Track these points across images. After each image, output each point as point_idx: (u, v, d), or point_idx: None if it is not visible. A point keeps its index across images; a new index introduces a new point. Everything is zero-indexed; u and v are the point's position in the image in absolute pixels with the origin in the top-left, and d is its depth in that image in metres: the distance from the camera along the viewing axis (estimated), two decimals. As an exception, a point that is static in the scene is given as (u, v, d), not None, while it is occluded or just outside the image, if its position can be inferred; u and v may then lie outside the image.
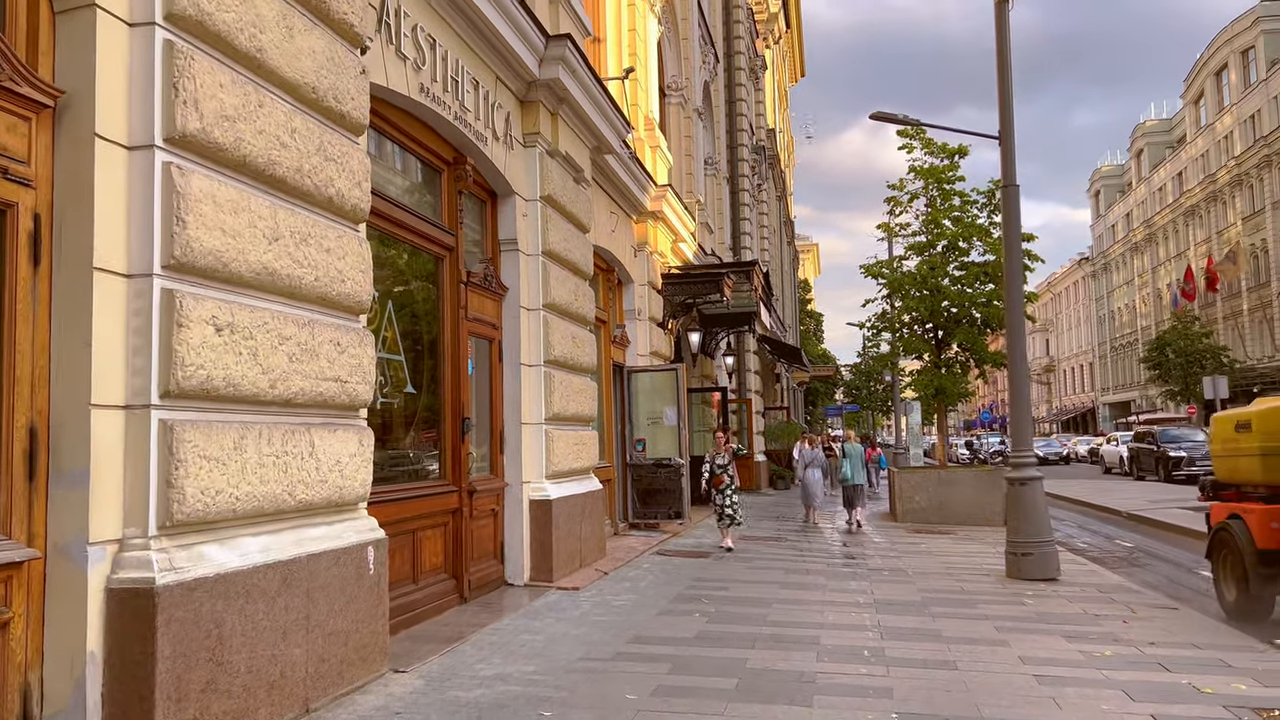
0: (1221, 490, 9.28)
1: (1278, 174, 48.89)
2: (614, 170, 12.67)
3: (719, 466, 12.38)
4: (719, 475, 12.34)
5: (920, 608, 8.43)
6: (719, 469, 12.38)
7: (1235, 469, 8.91)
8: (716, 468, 12.40)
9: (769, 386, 32.35)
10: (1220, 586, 8.84)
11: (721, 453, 12.54)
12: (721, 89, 25.73)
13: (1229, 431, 8.98)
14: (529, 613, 7.98)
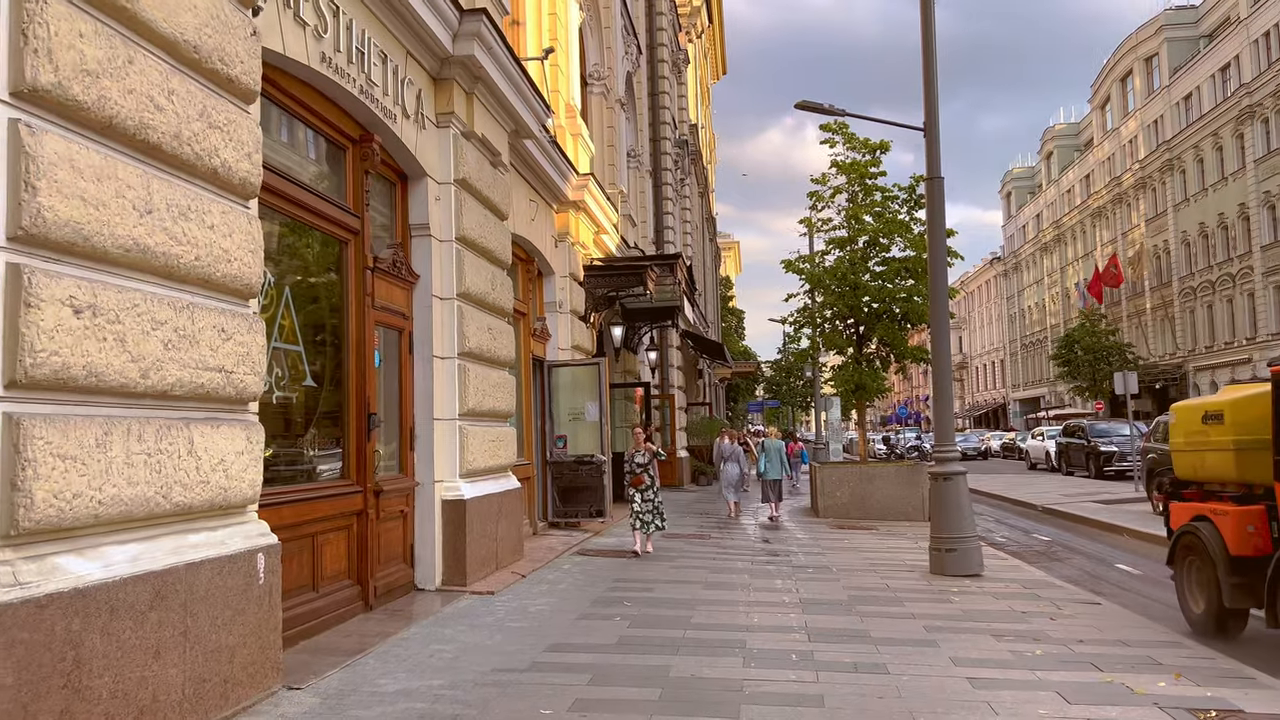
0: (1182, 489, 8.42)
1: (1179, 178, 50.72)
2: (534, 156, 12.22)
3: (638, 465, 11.58)
4: (638, 475, 11.50)
5: (847, 607, 8.21)
6: (638, 468, 11.58)
7: (1201, 465, 8.00)
8: (636, 466, 11.59)
9: (692, 382, 32.20)
10: (1186, 598, 7.91)
11: (641, 450, 11.69)
12: (644, 81, 25.41)
13: (1194, 423, 8.04)
14: (439, 620, 7.51)
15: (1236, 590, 7.07)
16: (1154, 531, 13.98)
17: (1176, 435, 8.53)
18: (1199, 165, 48.55)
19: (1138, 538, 14.21)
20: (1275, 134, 41.48)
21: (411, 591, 8.60)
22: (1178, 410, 8.73)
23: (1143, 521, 15.39)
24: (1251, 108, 42.83)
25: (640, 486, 11.46)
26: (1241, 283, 44.76)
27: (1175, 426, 8.58)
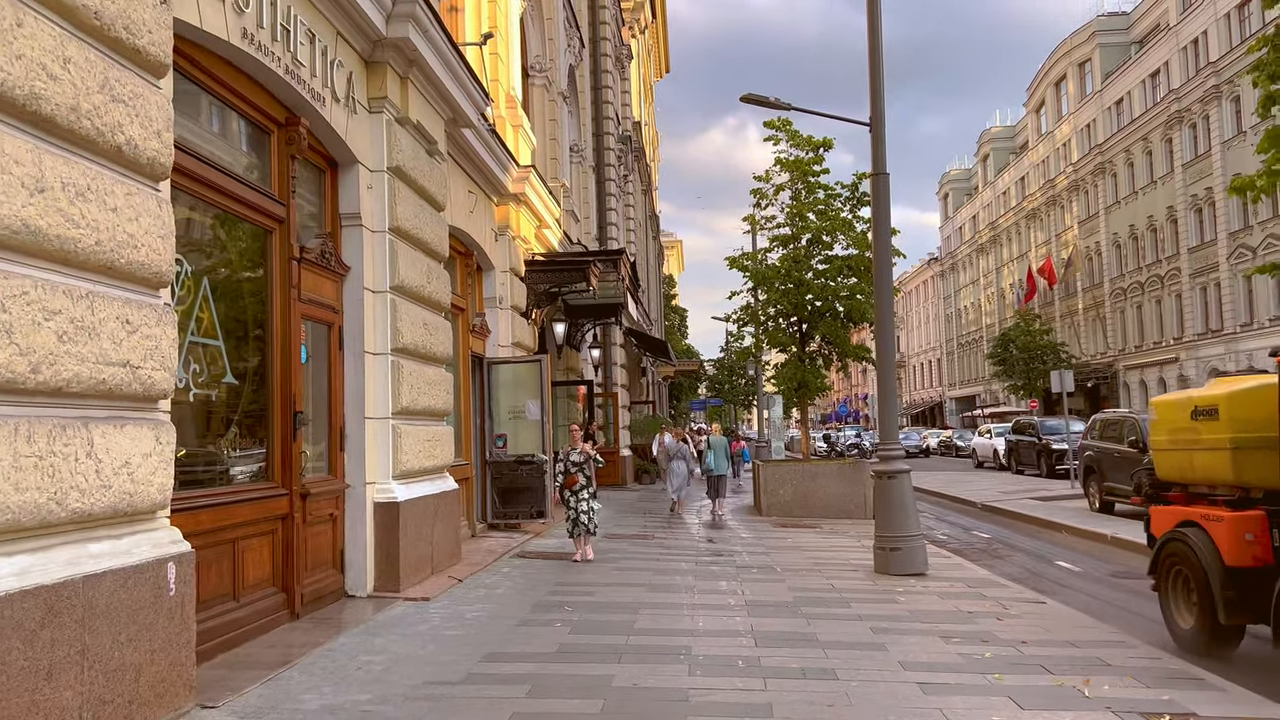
0: (1164, 491, 7.77)
1: (1111, 181, 51.88)
2: (472, 146, 11.86)
3: (573, 465, 10.86)
4: (573, 475, 10.80)
5: (793, 609, 8.03)
6: (573, 467, 10.87)
7: (1190, 466, 7.28)
8: (571, 466, 10.87)
9: (635, 380, 31.97)
10: (1171, 613, 7.20)
11: (577, 449, 10.95)
12: (587, 75, 25.10)
13: (1181, 419, 7.31)
14: (370, 629, 7.15)
15: (1232, 605, 6.39)
16: (1092, 529, 14.14)
17: (1159, 433, 7.83)
18: (1130, 169, 49.72)
19: (1076, 534, 14.33)
20: (1202, 139, 42.60)
21: (342, 598, 8.21)
22: (1159, 405, 7.98)
23: (1081, 519, 15.54)
24: (1180, 113, 43.95)
25: (574, 487, 10.78)
26: (1170, 284, 45.93)
27: (1157, 423, 7.87)
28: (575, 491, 10.77)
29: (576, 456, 10.90)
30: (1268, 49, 8.96)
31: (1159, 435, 7.84)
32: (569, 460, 10.91)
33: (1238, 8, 39.68)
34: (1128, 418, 16.46)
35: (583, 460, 10.88)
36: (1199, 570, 6.68)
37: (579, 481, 10.78)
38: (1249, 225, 39.02)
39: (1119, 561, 11.84)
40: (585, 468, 10.88)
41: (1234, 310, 40.50)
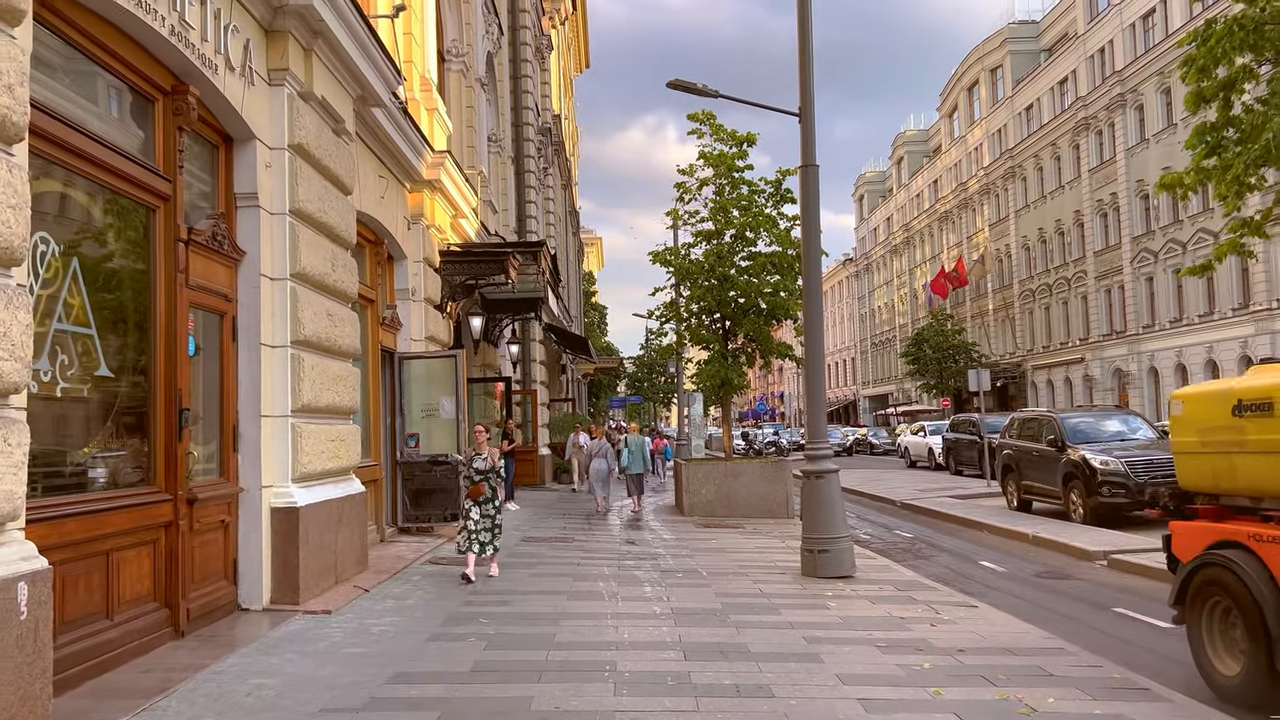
0: (1188, 504, 6.59)
1: (1021, 185, 53.20)
2: (384, 128, 11.20)
3: (478, 473, 9.43)
4: (477, 484, 9.39)
5: (722, 617, 7.64)
6: (477, 475, 9.43)
7: (1230, 473, 5.98)
8: (474, 474, 9.45)
9: (555, 378, 31.40)
10: (1207, 654, 5.91)
11: (483, 454, 9.48)
12: (506, 63, 24.44)
13: (1220, 416, 5.97)
14: (264, 646, 6.52)
15: None
16: (1013, 527, 14.15)
17: (1185, 432, 6.49)
18: (1039, 173, 51.04)
19: (997, 533, 14.33)
20: (1108, 146, 43.91)
21: (235, 612, 7.54)
22: (1187, 399, 6.60)
23: (1001, 517, 15.58)
24: (1087, 120, 45.23)
25: (479, 498, 9.40)
26: (1076, 286, 47.26)
27: (1183, 420, 6.50)
28: (479, 504, 9.39)
29: (481, 464, 9.49)
30: (1198, 43, 8.94)
31: (1185, 435, 6.47)
32: (471, 467, 9.55)
33: (1142, 18, 40.97)
34: (1046, 416, 16.61)
35: (489, 468, 9.51)
36: (1250, 604, 5.39)
37: (484, 492, 9.41)
38: (1151, 230, 40.32)
39: (1041, 561, 11.80)
40: (491, 476, 9.54)
41: (1137, 312, 41.83)
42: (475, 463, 9.52)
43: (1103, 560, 11.26)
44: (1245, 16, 8.31)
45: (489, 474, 9.50)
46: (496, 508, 9.53)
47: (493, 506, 9.47)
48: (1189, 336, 38.10)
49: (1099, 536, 12.53)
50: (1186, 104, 9.50)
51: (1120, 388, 43.64)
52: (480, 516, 9.39)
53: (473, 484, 9.51)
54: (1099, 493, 13.96)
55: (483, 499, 9.41)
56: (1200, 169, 9.24)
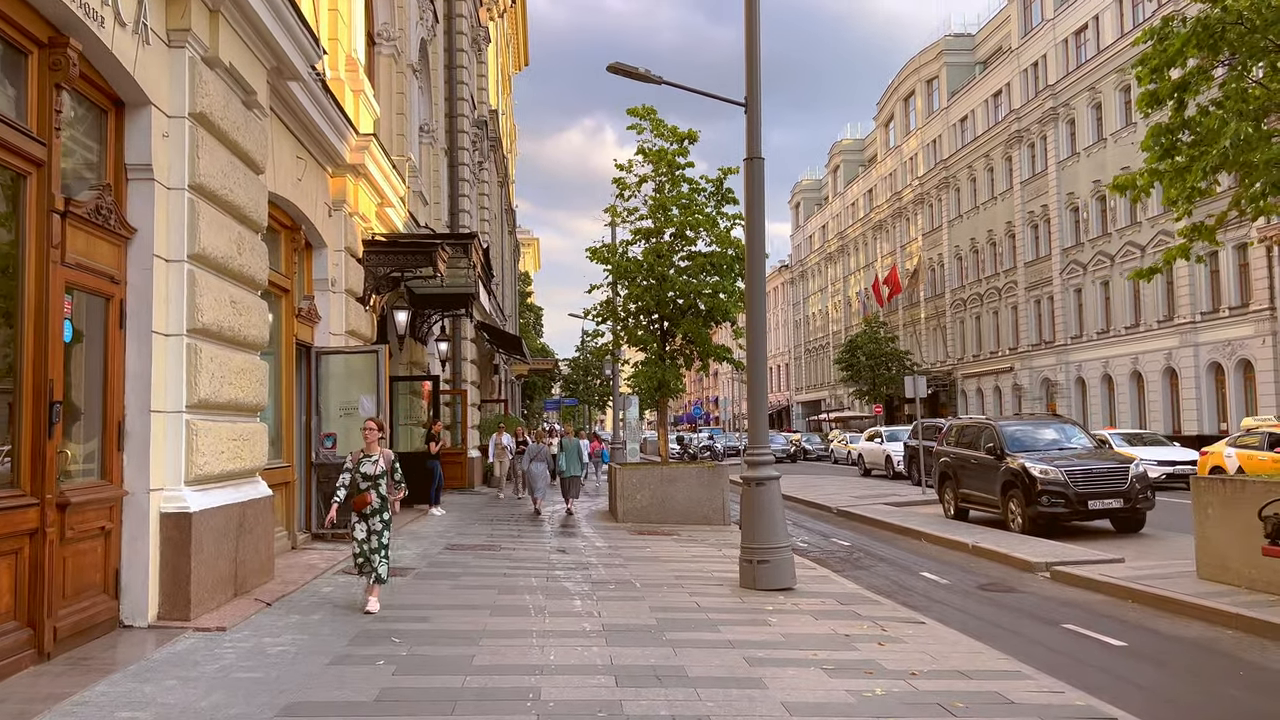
0: None
1: (954, 195, 53.83)
2: (303, 106, 10.44)
3: (365, 478, 7.87)
4: (364, 493, 7.85)
5: (657, 634, 7.10)
6: (364, 482, 7.87)
7: None
8: (362, 480, 7.88)
9: (486, 378, 30.59)
10: None
11: (373, 455, 7.95)
12: (441, 52, 23.63)
13: None
14: (143, 671, 5.78)
15: None
16: (952, 536, 13.88)
17: None
18: (972, 184, 51.67)
19: (936, 542, 14.04)
20: (1040, 158, 44.58)
21: (116, 630, 6.76)
22: None
23: (938, 526, 15.32)
24: (1020, 132, 45.88)
25: (364, 509, 7.83)
26: (1006, 296, 47.91)
27: None
28: (364, 516, 7.83)
29: (370, 467, 7.89)
30: (1154, 41, 8.69)
31: None
32: (358, 471, 7.89)
33: (1075, 34, 41.68)
34: (985, 424, 16.43)
35: (380, 473, 7.90)
36: None
37: (371, 502, 7.83)
38: (1080, 242, 40.98)
39: (983, 572, 11.50)
40: (380, 483, 7.91)
41: (1065, 323, 42.50)
42: (364, 465, 7.92)
43: (1045, 572, 10.99)
44: (1210, 17, 8.07)
45: (379, 480, 7.91)
46: (385, 522, 7.91)
47: (380, 520, 7.87)
48: (1115, 348, 38.78)
49: (1039, 547, 12.30)
50: (1139, 105, 9.27)
51: (1048, 397, 44.29)
52: (368, 533, 7.83)
53: (358, 491, 7.86)
54: (1038, 502, 13.77)
55: (369, 510, 7.84)
56: (1154, 171, 9.00)
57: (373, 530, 7.83)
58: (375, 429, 8.10)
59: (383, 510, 7.91)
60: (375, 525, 7.85)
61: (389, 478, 7.99)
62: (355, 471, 7.91)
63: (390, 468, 8.00)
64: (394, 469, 8.07)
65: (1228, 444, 19.05)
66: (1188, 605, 8.54)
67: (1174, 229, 35.14)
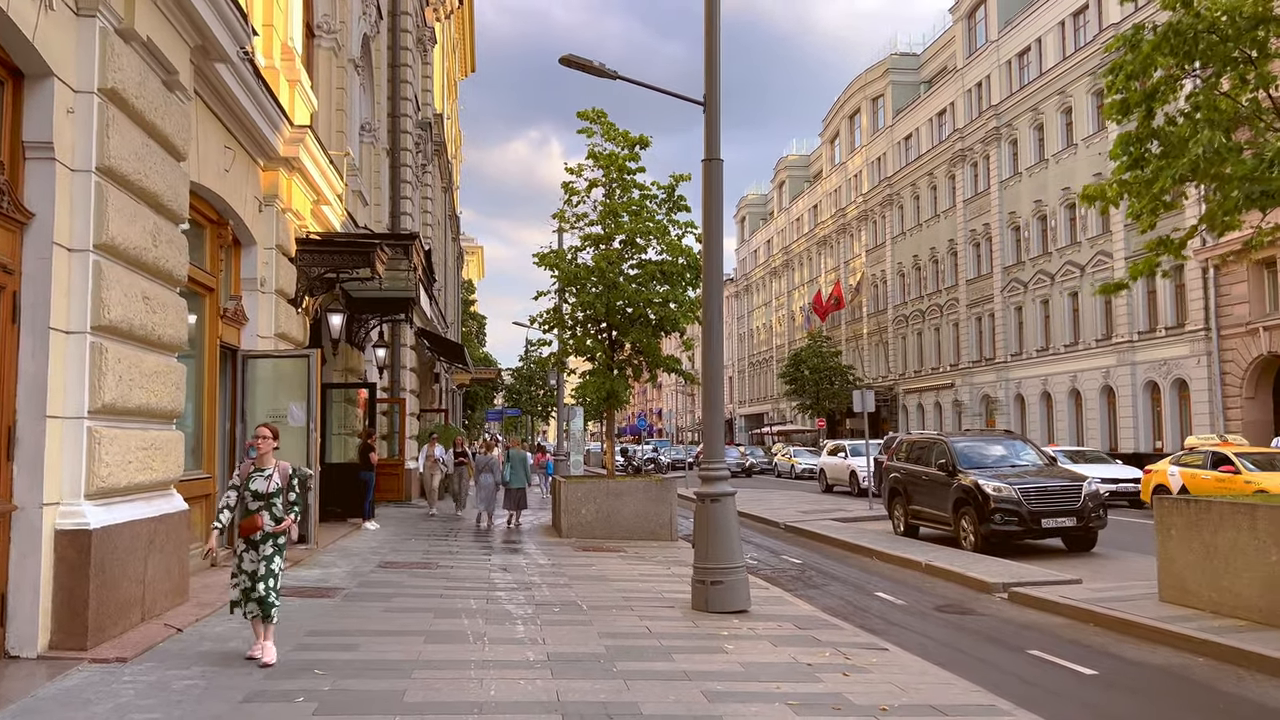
0: None
1: (898, 212, 54.27)
2: (232, 93, 9.75)
3: (256, 497, 6.46)
4: (255, 515, 6.42)
5: (607, 665, 6.57)
6: (256, 502, 6.45)
7: None
8: (251, 499, 6.46)
9: (427, 386, 29.74)
10: None
11: (267, 469, 6.56)
12: (384, 50, 22.89)
13: None
14: (23, 712, 5.10)
15: None
16: (904, 554, 13.56)
17: None
18: (915, 202, 52.13)
19: (888, 560, 13.71)
20: (982, 177, 45.09)
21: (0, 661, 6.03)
22: None
23: (890, 543, 15.01)
24: (963, 151, 46.38)
25: (253, 535, 6.42)
26: (948, 313, 48.33)
27: None
28: (254, 543, 6.43)
29: (262, 483, 6.49)
30: (1125, 48, 8.46)
31: None
32: (247, 488, 6.49)
33: (1018, 56, 42.26)
34: (937, 440, 16.18)
35: (274, 490, 6.50)
36: None
37: (263, 525, 6.42)
38: (1021, 260, 41.47)
39: (938, 593, 11.16)
40: (275, 503, 6.49)
41: (1005, 341, 42.94)
42: (254, 481, 6.49)
43: (1003, 593, 10.69)
44: (1181, 23, 7.86)
45: (273, 500, 6.47)
46: (279, 547, 6.50)
47: (273, 546, 6.45)
48: (1054, 365, 39.23)
49: (994, 566, 12.02)
50: (1107, 114, 9.05)
51: (988, 413, 44.69)
52: (255, 562, 6.42)
53: (247, 513, 6.45)
54: (991, 520, 13.52)
55: (259, 536, 6.41)
56: (1123, 181, 8.77)
57: (263, 556, 6.44)
58: (269, 437, 6.70)
59: (276, 534, 6.49)
60: (266, 553, 6.44)
61: (284, 497, 6.53)
62: (244, 489, 6.50)
63: (287, 484, 6.58)
64: (292, 486, 6.62)
65: (1171, 462, 19.13)
66: (1154, 630, 8.26)
67: (1114, 249, 35.85)
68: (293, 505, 6.58)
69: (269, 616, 6.39)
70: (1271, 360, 28.02)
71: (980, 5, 45.87)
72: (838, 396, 51.98)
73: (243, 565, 6.46)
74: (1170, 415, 32.62)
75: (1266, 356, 27.94)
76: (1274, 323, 27.32)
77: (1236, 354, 29.09)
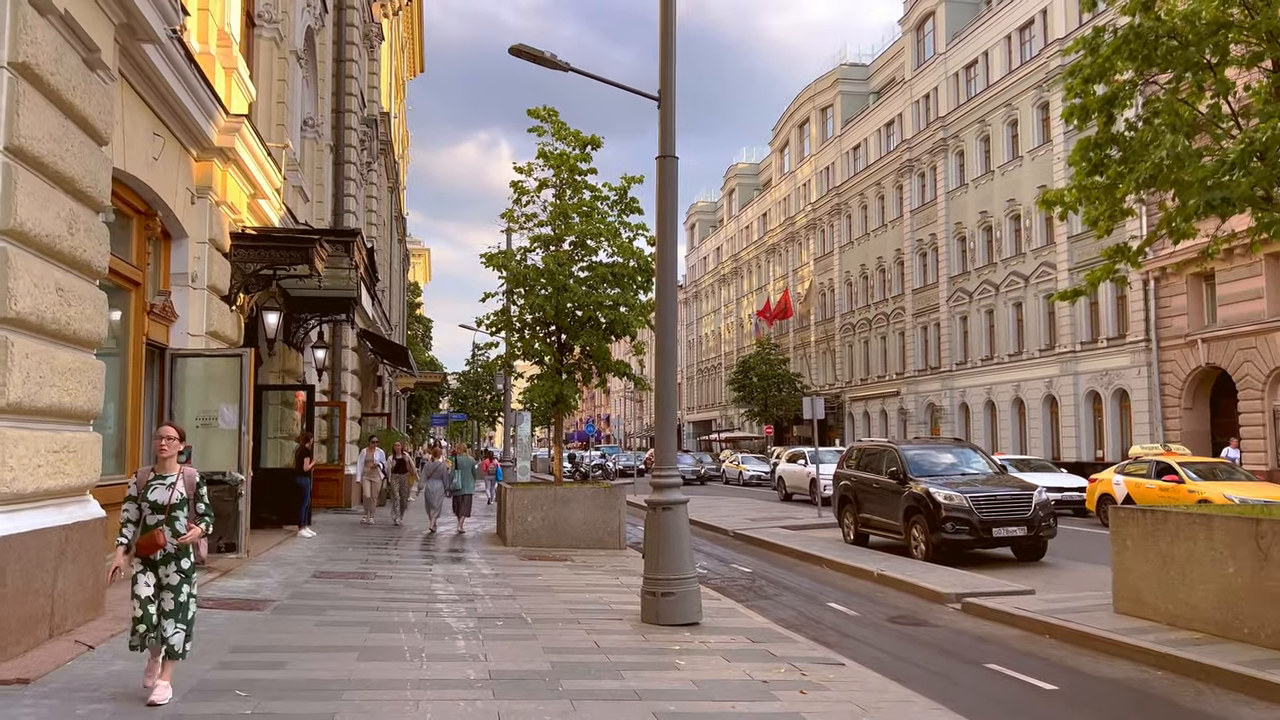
0: None
1: (845, 222, 54.63)
2: (162, 77, 9.23)
3: (156, 509, 5.52)
4: (155, 531, 5.48)
5: (552, 684, 6.21)
6: (156, 516, 5.52)
7: None
8: (150, 511, 5.53)
9: (369, 390, 29.06)
10: None
11: (170, 476, 5.65)
12: (330, 44, 22.29)
13: None
14: (-95, 743, 4.60)
15: None
16: (855, 564, 13.38)
17: None
18: (864, 211, 52.51)
19: (839, 570, 13.52)
20: (930, 188, 45.54)
21: (-115, 684, 5.49)
22: None
23: (840, 552, 14.85)
24: (911, 162, 46.82)
25: (151, 555, 5.48)
26: (894, 322, 48.71)
27: None
28: (152, 564, 5.49)
29: (162, 493, 5.56)
30: (1084, 52, 8.35)
31: None
32: (146, 499, 5.55)
33: (965, 68, 42.77)
34: (888, 447, 16.06)
35: (178, 500, 5.59)
36: None
37: (164, 544, 5.47)
38: (967, 271, 41.91)
39: (890, 603, 10.98)
40: (179, 516, 5.57)
41: (951, 349, 43.37)
42: (153, 491, 5.55)
43: (956, 604, 10.53)
44: (1142, 26, 7.77)
45: (177, 512, 5.55)
46: (185, 572, 5.55)
47: (177, 570, 5.52)
48: (999, 374, 39.67)
49: (946, 576, 11.88)
50: (1065, 118, 8.95)
51: (933, 421, 45.07)
52: (156, 588, 5.49)
53: (145, 529, 5.51)
54: (943, 529, 13.40)
55: (161, 556, 5.50)
56: (1082, 186, 8.67)
57: (166, 584, 5.49)
58: (174, 438, 5.75)
59: (181, 555, 5.56)
60: (170, 577, 5.50)
61: (190, 508, 5.64)
62: (142, 500, 5.56)
63: (194, 494, 5.69)
64: (199, 495, 5.72)
65: (1116, 471, 19.29)
66: (1111, 643, 8.12)
67: (1058, 260, 36.37)
68: (202, 516, 5.72)
69: (174, 652, 5.48)
70: (1209, 372, 28.55)
71: (929, 18, 46.39)
72: (785, 404, 52.12)
73: (137, 591, 5.45)
74: (1111, 425, 33.12)
75: (1204, 368, 28.46)
76: (1212, 335, 27.84)
77: (1176, 365, 29.61)
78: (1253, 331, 26.19)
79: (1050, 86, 35.77)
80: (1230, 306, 27.20)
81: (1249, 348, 26.51)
